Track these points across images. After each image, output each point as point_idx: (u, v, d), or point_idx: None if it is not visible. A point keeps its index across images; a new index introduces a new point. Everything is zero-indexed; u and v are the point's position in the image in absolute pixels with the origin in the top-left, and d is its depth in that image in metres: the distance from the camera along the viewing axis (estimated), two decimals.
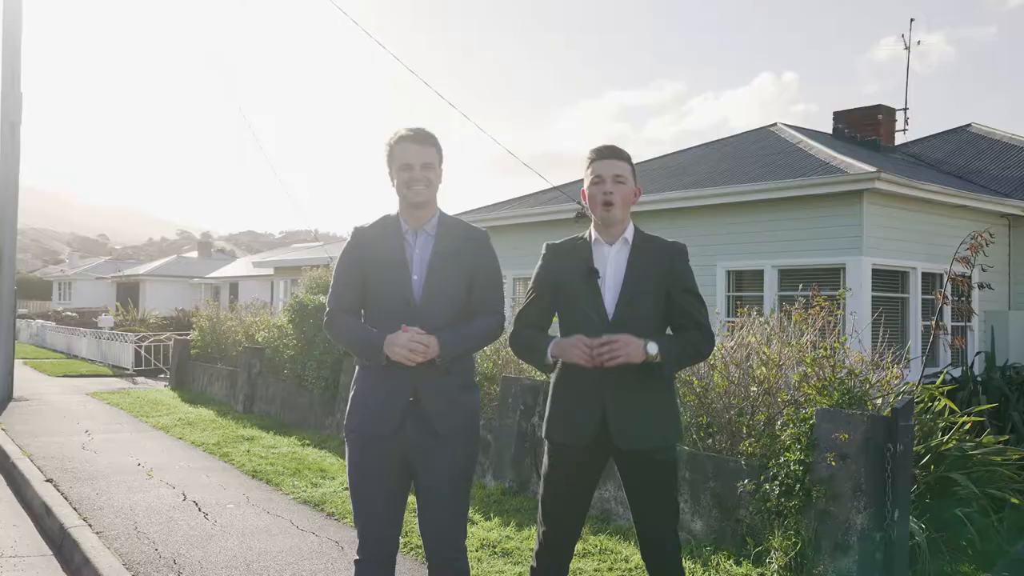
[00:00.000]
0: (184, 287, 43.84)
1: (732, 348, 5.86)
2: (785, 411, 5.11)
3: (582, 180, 3.42)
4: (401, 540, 4.69)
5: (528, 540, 5.51)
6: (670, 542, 3.26)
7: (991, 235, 9.45)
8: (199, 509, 6.46)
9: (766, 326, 6.21)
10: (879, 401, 5.31)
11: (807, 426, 4.76)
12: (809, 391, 5.02)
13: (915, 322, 10.97)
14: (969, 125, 17.39)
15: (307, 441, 9.54)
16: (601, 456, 3.30)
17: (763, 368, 5.53)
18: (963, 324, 11.34)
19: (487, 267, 3.42)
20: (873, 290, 10.38)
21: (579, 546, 5.15)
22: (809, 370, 5.11)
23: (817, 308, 5.79)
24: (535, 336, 3.38)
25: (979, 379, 9.75)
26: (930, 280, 11.38)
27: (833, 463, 4.54)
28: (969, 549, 5.74)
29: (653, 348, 3.08)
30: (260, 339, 12.83)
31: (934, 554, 5.26)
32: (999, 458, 6.11)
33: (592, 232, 3.41)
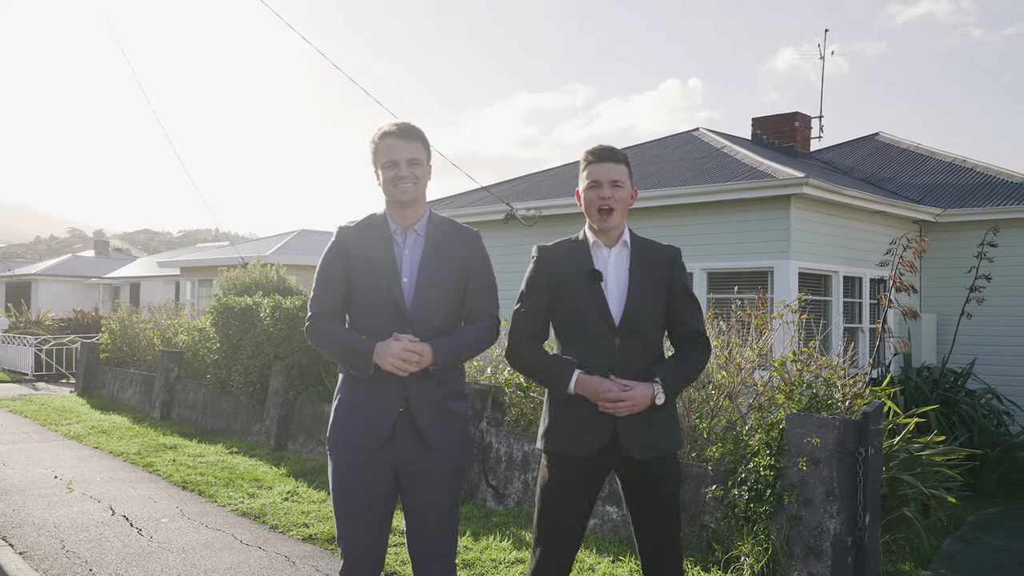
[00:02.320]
0: (80, 287, 41.86)
1: None
2: (752, 416, 5.09)
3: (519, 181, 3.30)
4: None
5: (488, 550, 5.35)
6: (673, 551, 3.16)
7: (909, 240, 9.75)
8: (131, 524, 6.07)
9: (717, 328, 6.21)
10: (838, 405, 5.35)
11: (777, 431, 4.74)
12: (777, 395, 5.02)
13: (837, 325, 11.25)
14: (877, 134, 17.90)
15: (235, 449, 9.15)
16: (606, 467, 3.16)
17: (723, 372, 5.51)
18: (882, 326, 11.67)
19: (481, 269, 3.26)
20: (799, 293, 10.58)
21: None
22: (775, 374, 5.11)
23: (780, 312, 5.81)
24: (551, 360, 3.15)
25: (896, 380, 10.04)
26: (850, 284, 11.69)
27: (804, 468, 4.53)
28: (908, 547, 5.88)
29: (661, 398, 3.05)
30: (180, 342, 12.27)
31: (884, 555, 5.35)
32: (941, 458, 6.28)
33: (587, 234, 3.26)
